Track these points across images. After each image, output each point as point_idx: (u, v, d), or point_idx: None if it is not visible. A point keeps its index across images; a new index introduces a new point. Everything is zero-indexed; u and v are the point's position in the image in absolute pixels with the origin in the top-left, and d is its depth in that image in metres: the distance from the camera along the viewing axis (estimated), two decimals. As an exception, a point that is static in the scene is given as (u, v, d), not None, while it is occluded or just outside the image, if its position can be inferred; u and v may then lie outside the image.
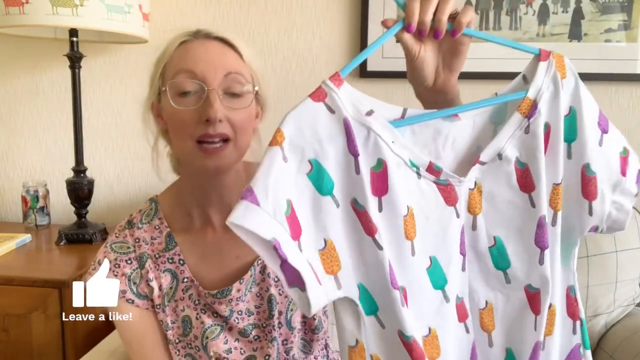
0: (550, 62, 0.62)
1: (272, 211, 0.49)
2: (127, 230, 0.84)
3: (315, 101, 0.53)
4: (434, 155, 0.61)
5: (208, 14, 1.56)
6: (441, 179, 0.59)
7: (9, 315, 1.20)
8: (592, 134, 0.63)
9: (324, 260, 0.53)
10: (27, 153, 1.70)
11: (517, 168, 0.61)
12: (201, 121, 0.73)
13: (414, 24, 0.60)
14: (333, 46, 1.53)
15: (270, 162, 0.50)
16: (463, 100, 0.64)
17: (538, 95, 0.61)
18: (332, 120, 0.53)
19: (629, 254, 1.25)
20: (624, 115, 1.47)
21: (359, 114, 0.55)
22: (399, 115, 0.59)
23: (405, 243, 0.56)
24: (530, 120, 0.60)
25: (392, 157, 0.55)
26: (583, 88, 0.62)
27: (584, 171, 0.62)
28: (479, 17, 1.44)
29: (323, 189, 0.53)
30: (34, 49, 1.62)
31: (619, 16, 1.40)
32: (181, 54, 0.77)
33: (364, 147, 0.55)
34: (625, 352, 1.16)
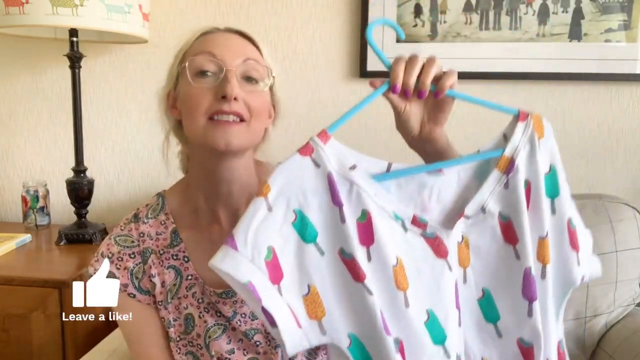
0: (528, 122, 0.66)
1: (250, 256, 0.54)
2: (132, 224, 0.83)
3: (303, 156, 0.58)
4: (420, 207, 0.63)
5: (208, 14, 1.56)
6: (428, 232, 0.62)
7: (9, 315, 1.20)
8: (567, 189, 0.67)
9: (308, 305, 0.56)
10: (27, 153, 1.70)
11: (501, 221, 0.64)
12: (217, 98, 0.72)
13: (399, 85, 0.65)
14: (333, 46, 1.53)
15: (253, 211, 0.55)
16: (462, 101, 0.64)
17: (515, 154, 0.64)
18: (317, 174, 0.58)
19: (629, 254, 1.25)
20: (624, 115, 1.47)
21: (343, 168, 0.59)
22: (384, 169, 0.62)
23: (398, 293, 0.58)
24: (509, 176, 0.64)
25: (375, 208, 0.58)
26: (556, 146, 0.67)
27: (569, 224, 0.66)
28: (479, 17, 1.44)
29: (307, 237, 0.57)
30: (34, 49, 1.62)
31: (619, 16, 1.40)
32: (201, 42, 0.77)
33: (347, 199, 0.58)
34: (625, 352, 1.16)
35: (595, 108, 1.48)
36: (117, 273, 0.81)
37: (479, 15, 1.45)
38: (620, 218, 1.26)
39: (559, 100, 1.49)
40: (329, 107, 1.53)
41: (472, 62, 1.46)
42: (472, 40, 1.45)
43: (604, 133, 1.49)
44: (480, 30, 1.45)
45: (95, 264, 0.81)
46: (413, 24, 1.46)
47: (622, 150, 1.49)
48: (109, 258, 0.81)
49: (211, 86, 0.73)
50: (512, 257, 0.63)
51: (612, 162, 1.50)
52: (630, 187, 1.51)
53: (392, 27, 0.68)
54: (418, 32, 1.46)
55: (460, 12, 1.45)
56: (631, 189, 1.51)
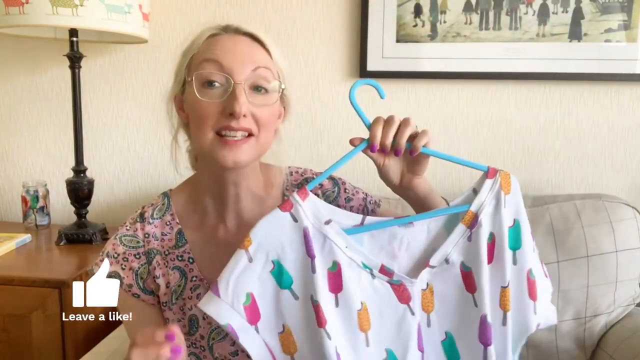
0: (495, 180, 0.71)
1: (230, 301, 0.63)
2: (138, 224, 0.83)
3: (283, 211, 0.67)
4: (390, 256, 0.69)
5: (208, 14, 1.56)
6: (394, 279, 0.69)
7: (9, 315, 1.20)
8: (530, 242, 0.72)
9: (283, 342, 0.66)
10: (27, 153, 1.70)
11: (463, 271, 0.70)
12: (225, 114, 0.72)
13: (377, 145, 0.71)
14: (333, 46, 1.53)
15: (235, 262, 0.65)
16: (462, 99, 0.65)
17: (479, 209, 0.70)
18: (295, 228, 0.66)
19: (629, 254, 1.25)
20: (624, 115, 1.47)
21: (319, 222, 0.67)
22: (358, 222, 0.69)
23: (360, 334, 0.67)
24: (472, 230, 0.70)
25: (345, 260, 0.67)
26: (522, 202, 0.72)
27: (529, 275, 0.71)
28: (479, 17, 1.44)
29: (282, 283, 0.66)
30: (34, 49, 1.62)
31: (619, 16, 1.40)
32: (209, 46, 0.76)
33: (320, 251, 0.66)
34: (625, 352, 1.16)
35: (595, 108, 1.48)
36: (122, 273, 0.81)
37: (479, 15, 1.44)
38: (620, 218, 1.26)
39: (559, 100, 1.49)
40: (328, 107, 1.54)
41: (472, 62, 1.46)
42: (472, 40, 1.45)
43: (604, 133, 1.49)
44: (480, 30, 1.45)
45: (101, 263, 0.81)
46: (413, 24, 1.46)
47: (622, 150, 1.49)
48: (114, 258, 0.81)
49: (218, 100, 0.73)
50: (470, 305, 0.69)
51: (612, 162, 1.50)
52: (630, 187, 1.51)
53: (374, 86, 0.74)
54: (418, 32, 1.46)
55: (460, 12, 1.45)
56: (631, 189, 1.51)
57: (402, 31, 1.47)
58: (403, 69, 1.48)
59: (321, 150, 1.57)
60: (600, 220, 1.26)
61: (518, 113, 1.50)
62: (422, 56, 1.47)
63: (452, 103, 1.51)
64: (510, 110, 1.51)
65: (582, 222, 1.26)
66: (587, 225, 1.26)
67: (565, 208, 1.29)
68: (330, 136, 1.56)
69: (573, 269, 1.24)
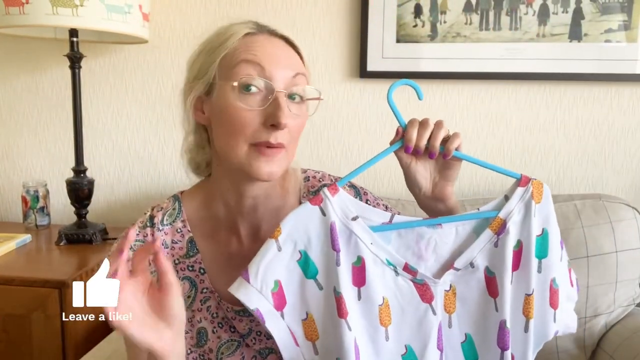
0: (527, 188, 0.72)
1: (259, 287, 0.66)
2: (148, 229, 0.79)
3: (313, 205, 0.69)
4: (417, 255, 0.71)
5: (208, 14, 1.56)
6: (417, 279, 0.70)
7: (9, 315, 1.20)
8: (557, 252, 0.73)
9: (305, 328, 0.68)
10: (27, 153, 1.70)
11: (487, 275, 0.71)
12: (265, 125, 0.68)
13: (411, 146, 0.71)
14: (333, 46, 1.53)
15: (265, 250, 0.67)
16: (463, 98, 0.65)
17: (508, 217, 0.71)
18: (322, 222, 0.68)
19: (629, 254, 1.25)
20: (624, 115, 1.47)
21: (346, 218, 0.69)
22: (387, 220, 0.71)
23: (380, 329, 0.68)
24: (499, 237, 0.71)
25: (369, 255, 0.69)
26: (553, 211, 0.73)
27: (552, 284, 0.72)
28: (479, 17, 1.44)
29: (308, 273, 0.68)
30: (34, 49, 1.62)
31: (619, 16, 1.40)
32: (247, 45, 0.71)
33: (346, 246, 0.68)
34: (625, 352, 1.16)
35: (595, 108, 1.48)
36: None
37: (479, 16, 1.44)
38: (620, 218, 1.26)
39: (559, 100, 1.49)
40: (329, 107, 1.54)
41: (472, 62, 1.46)
42: (472, 40, 1.45)
43: (604, 133, 1.49)
44: (480, 31, 1.45)
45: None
46: (413, 24, 1.46)
47: (622, 150, 1.49)
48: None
49: (258, 108, 0.69)
50: (491, 309, 0.71)
51: (612, 162, 1.50)
52: (630, 187, 1.51)
53: (413, 87, 0.72)
54: (418, 32, 1.46)
55: (460, 12, 1.45)
56: (631, 189, 1.51)
57: (402, 31, 1.47)
58: (403, 69, 1.48)
59: (321, 151, 1.57)
60: (600, 220, 1.26)
61: (518, 113, 1.50)
62: (422, 56, 1.47)
63: (452, 103, 1.51)
64: (510, 110, 1.51)
65: (582, 222, 1.26)
66: (587, 225, 1.26)
67: (565, 208, 1.29)
68: (330, 136, 1.56)
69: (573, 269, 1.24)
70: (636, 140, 1.49)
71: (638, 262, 1.26)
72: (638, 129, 1.48)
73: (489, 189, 1.53)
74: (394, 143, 0.73)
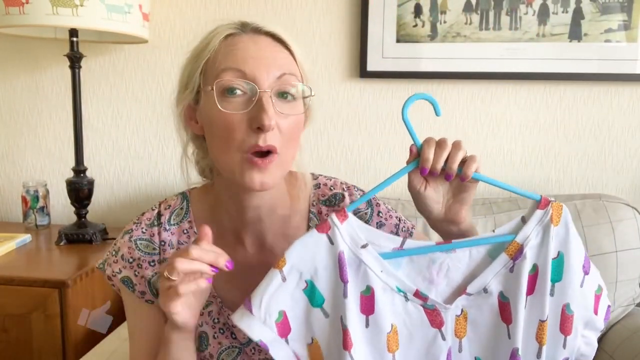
0: (546, 211, 0.68)
1: (262, 318, 0.65)
2: (155, 228, 0.78)
3: (320, 232, 0.66)
4: (428, 280, 0.69)
5: (208, 14, 1.56)
6: (428, 304, 0.68)
7: (9, 315, 1.20)
8: (576, 276, 0.69)
9: (310, 353, 0.67)
10: (27, 153, 1.70)
11: (500, 301, 0.69)
12: (251, 128, 0.65)
13: (428, 168, 0.67)
14: (333, 46, 1.53)
15: (269, 281, 0.65)
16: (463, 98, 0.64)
17: (525, 241, 0.68)
18: (330, 251, 0.66)
19: (629, 254, 1.25)
20: (624, 115, 1.47)
21: (355, 246, 0.67)
22: (398, 245, 0.68)
23: (387, 355, 0.67)
24: (515, 262, 0.68)
25: (379, 284, 0.67)
26: (573, 235, 0.69)
27: (564, 309, 0.69)
28: (479, 17, 1.44)
29: (314, 302, 0.67)
30: (34, 49, 1.62)
31: (619, 16, 1.40)
32: (228, 50, 0.68)
33: (355, 275, 0.66)
34: (625, 352, 1.16)
35: (595, 108, 1.48)
36: (134, 280, 0.77)
37: (479, 15, 1.44)
38: (620, 218, 1.26)
39: (559, 100, 1.49)
40: (329, 107, 1.54)
41: (472, 62, 1.46)
42: (472, 40, 1.45)
43: (604, 133, 1.49)
44: (480, 30, 1.45)
45: (114, 265, 0.77)
46: (413, 24, 1.46)
47: (622, 150, 1.49)
48: (129, 263, 0.77)
49: (242, 111, 0.66)
50: (504, 335, 0.68)
51: (612, 162, 1.50)
52: (630, 187, 1.51)
53: (430, 101, 0.69)
54: (418, 32, 1.46)
55: (460, 12, 1.45)
56: (631, 189, 1.51)
57: (402, 31, 1.47)
58: (403, 69, 1.48)
59: (321, 152, 1.57)
60: (600, 220, 1.26)
61: (518, 113, 1.50)
62: (422, 56, 1.47)
63: (452, 103, 1.51)
64: (510, 110, 1.51)
65: (582, 222, 1.26)
66: (587, 225, 1.26)
67: (565, 208, 1.29)
68: (330, 136, 1.56)
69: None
70: (636, 140, 1.49)
71: (638, 262, 1.26)
72: (638, 129, 1.48)
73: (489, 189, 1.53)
74: (409, 163, 0.69)
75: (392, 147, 1.54)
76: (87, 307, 1.27)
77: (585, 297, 0.70)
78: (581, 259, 0.70)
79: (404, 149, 0.75)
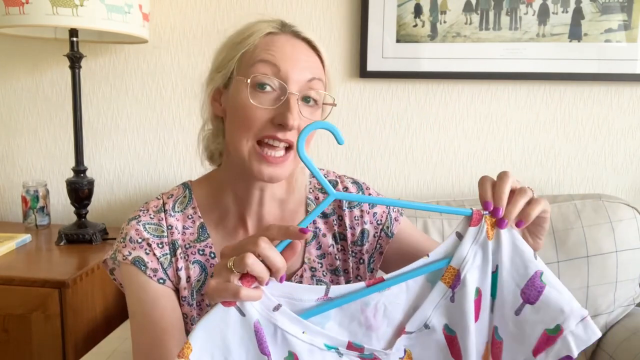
0: (481, 227, 0.61)
1: None
2: (162, 214, 0.80)
3: (227, 306, 0.56)
4: (365, 325, 0.61)
5: (208, 14, 1.56)
6: (365, 354, 0.60)
7: (9, 315, 1.20)
8: (510, 299, 0.61)
9: None
10: (27, 153, 1.70)
11: (446, 334, 0.61)
12: (273, 124, 0.70)
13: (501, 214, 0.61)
14: (333, 46, 1.53)
15: None
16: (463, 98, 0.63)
17: (462, 265, 0.60)
18: (243, 324, 0.57)
19: (629, 254, 1.25)
20: (624, 115, 1.47)
21: (267, 310, 0.58)
22: (322, 294, 0.60)
23: None
24: (454, 290, 0.60)
25: (304, 347, 0.58)
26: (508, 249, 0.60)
27: (494, 333, 0.62)
28: (479, 17, 1.44)
29: None
30: (34, 49, 1.62)
31: (619, 16, 1.40)
32: (267, 45, 0.72)
33: (273, 344, 0.58)
34: (625, 352, 1.16)
35: (595, 108, 1.48)
36: (146, 258, 0.76)
37: (479, 15, 1.44)
38: (620, 218, 1.26)
39: (559, 100, 1.49)
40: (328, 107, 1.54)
41: (472, 62, 1.46)
42: (472, 40, 1.45)
43: (604, 133, 1.49)
44: (480, 30, 1.45)
45: (124, 249, 0.77)
46: (413, 24, 1.46)
47: (622, 150, 1.49)
48: (138, 243, 0.77)
49: (269, 107, 0.70)
50: None
51: (612, 162, 1.50)
52: (630, 187, 1.51)
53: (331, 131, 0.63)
54: (418, 32, 1.46)
55: (460, 12, 1.45)
56: (631, 189, 1.51)
57: (402, 31, 1.47)
58: (403, 69, 1.48)
59: (321, 151, 1.57)
60: (600, 220, 1.26)
61: (518, 113, 1.50)
62: (422, 56, 1.47)
63: (452, 103, 1.51)
64: (510, 110, 1.51)
65: (582, 222, 1.26)
66: (587, 225, 1.26)
67: (565, 208, 1.29)
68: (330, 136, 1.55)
69: (573, 269, 1.24)
70: (636, 140, 1.49)
71: (638, 262, 1.26)
72: (638, 129, 1.48)
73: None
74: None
75: (392, 147, 1.54)
76: (86, 307, 1.27)
77: (522, 328, 0.60)
78: (519, 283, 0.60)
79: (403, 149, 0.75)
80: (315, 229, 0.83)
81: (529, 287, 0.60)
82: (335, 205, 0.85)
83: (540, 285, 0.60)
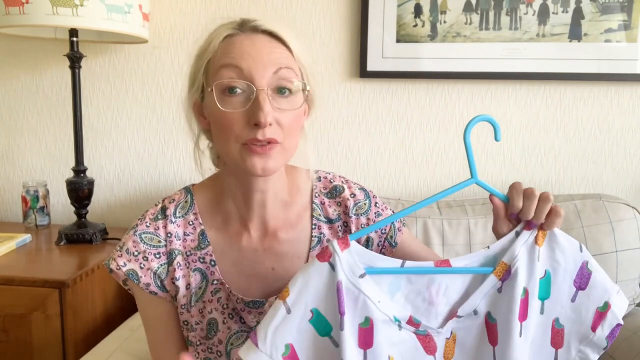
0: (532, 232, 0.69)
1: (269, 352, 0.63)
2: (160, 221, 0.80)
3: (321, 261, 0.65)
4: (427, 301, 0.69)
5: (208, 14, 1.56)
6: (420, 330, 0.68)
7: (9, 315, 1.20)
8: (565, 292, 0.70)
9: None
10: (27, 153, 1.70)
11: (487, 322, 0.69)
12: (250, 125, 0.69)
13: (529, 218, 0.67)
14: (333, 46, 1.53)
15: (273, 312, 0.64)
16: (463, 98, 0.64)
17: (512, 262, 0.68)
18: (332, 279, 0.65)
19: (629, 254, 1.25)
20: (624, 115, 1.47)
21: (354, 276, 0.65)
22: (398, 265, 0.68)
23: None
24: (504, 283, 0.68)
25: (378, 315, 0.66)
26: (562, 252, 0.69)
27: (554, 324, 0.70)
28: (479, 17, 1.44)
29: (321, 331, 0.65)
30: (34, 49, 1.62)
31: (619, 16, 1.40)
32: (226, 48, 0.72)
33: (353, 307, 0.65)
34: (625, 352, 1.16)
35: (595, 108, 1.48)
36: (139, 272, 0.79)
37: (479, 15, 1.44)
38: (620, 218, 1.26)
39: (559, 100, 1.49)
40: (328, 107, 1.54)
41: (472, 62, 1.46)
42: (472, 40, 1.45)
43: (604, 133, 1.49)
44: (480, 30, 1.45)
45: (119, 259, 0.79)
46: (413, 24, 1.46)
47: (622, 150, 1.49)
48: (134, 256, 0.79)
49: (241, 109, 0.70)
50: (489, 357, 0.69)
51: (612, 162, 1.50)
52: (630, 187, 1.51)
53: (491, 123, 0.71)
54: (418, 32, 1.46)
55: (460, 12, 1.45)
56: (631, 189, 1.51)
57: (402, 31, 1.47)
58: (403, 69, 1.48)
59: (321, 151, 1.57)
60: (600, 220, 1.26)
61: (518, 113, 1.50)
62: (422, 56, 1.47)
63: (452, 103, 1.51)
64: (510, 110, 1.51)
65: (582, 222, 1.26)
66: (587, 225, 1.26)
67: (565, 208, 1.29)
68: (330, 136, 1.56)
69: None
70: (636, 140, 1.49)
71: (638, 262, 1.26)
72: (638, 129, 1.48)
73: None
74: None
75: (392, 147, 1.54)
76: (86, 307, 1.27)
77: (579, 312, 0.70)
78: (572, 274, 0.70)
79: (403, 149, 0.75)
80: (319, 234, 0.83)
81: (580, 277, 0.70)
82: (341, 211, 0.84)
83: (588, 273, 0.70)
